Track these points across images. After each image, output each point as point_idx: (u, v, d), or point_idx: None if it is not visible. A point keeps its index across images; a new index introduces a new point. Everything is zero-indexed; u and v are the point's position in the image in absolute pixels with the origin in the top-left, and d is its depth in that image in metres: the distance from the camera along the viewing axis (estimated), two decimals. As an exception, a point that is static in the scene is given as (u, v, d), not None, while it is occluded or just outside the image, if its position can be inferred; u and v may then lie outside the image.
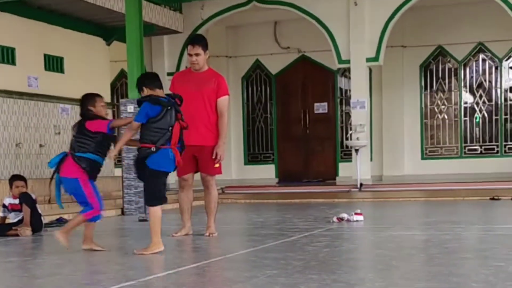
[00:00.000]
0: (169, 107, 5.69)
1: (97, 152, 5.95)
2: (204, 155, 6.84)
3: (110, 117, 7.39)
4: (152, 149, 5.65)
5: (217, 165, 6.89)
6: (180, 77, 7.17)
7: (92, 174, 5.98)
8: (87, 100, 6.18)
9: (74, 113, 12.81)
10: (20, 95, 11.54)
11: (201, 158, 6.87)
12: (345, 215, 8.27)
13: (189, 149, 6.75)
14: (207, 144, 6.84)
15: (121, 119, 8.57)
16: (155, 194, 5.77)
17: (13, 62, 11.51)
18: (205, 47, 6.97)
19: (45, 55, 12.26)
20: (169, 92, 6.99)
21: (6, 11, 11.34)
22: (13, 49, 11.50)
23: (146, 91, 5.83)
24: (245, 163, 17.34)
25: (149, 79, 5.97)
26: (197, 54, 6.89)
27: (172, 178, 11.18)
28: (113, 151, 6.03)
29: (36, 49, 12.02)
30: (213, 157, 6.83)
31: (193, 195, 7.08)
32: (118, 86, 17.47)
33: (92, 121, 5.97)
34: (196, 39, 7.11)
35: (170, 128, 5.70)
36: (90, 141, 5.92)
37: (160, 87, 5.91)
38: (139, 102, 5.79)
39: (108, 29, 13.64)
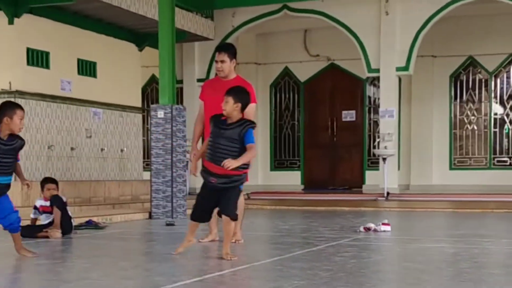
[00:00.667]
0: None
1: None
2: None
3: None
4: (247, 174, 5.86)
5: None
6: (209, 85, 7.25)
7: None
8: (4, 110, 5.75)
9: (105, 117, 12.98)
10: (53, 98, 11.73)
11: None
12: (372, 225, 8.24)
13: None
14: None
15: None
16: (233, 206, 5.84)
17: (47, 66, 11.70)
18: (232, 55, 6.99)
19: (78, 60, 12.43)
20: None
21: (41, 15, 11.54)
22: (47, 53, 11.69)
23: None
24: (271, 169, 17.40)
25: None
26: (222, 61, 6.93)
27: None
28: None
29: (70, 53, 12.20)
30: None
31: None
32: (149, 91, 17.65)
33: None
34: (223, 47, 7.19)
35: None
36: None
37: None
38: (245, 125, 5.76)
39: (140, 35, 13.79)
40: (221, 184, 5.74)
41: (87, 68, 12.63)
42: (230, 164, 5.55)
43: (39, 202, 8.00)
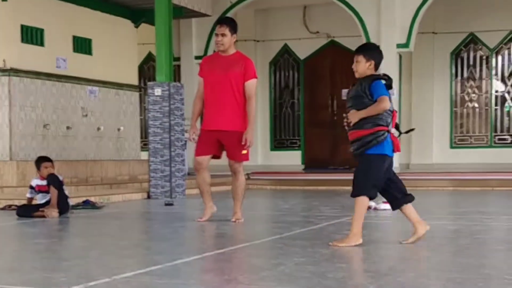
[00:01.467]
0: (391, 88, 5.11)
1: None
2: (232, 141, 6.71)
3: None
4: (386, 133, 4.99)
5: (244, 151, 6.77)
6: (208, 61, 7.06)
7: None
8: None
9: (102, 95, 12.82)
10: (48, 76, 11.57)
11: (229, 144, 6.75)
12: (372, 204, 8.13)
13: (214, 133, 6.69)
14: (235, 129, 6.70)
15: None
16: (368, 182, 5.06)
17: (41, 43, 11.53)
18: (232, 29, 6.82)
19: (73, 37, 12.25)
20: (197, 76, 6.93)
21: (35, -8, 11.35)
22: (42, 30, 11.51)
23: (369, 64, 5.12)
24: (271, 149, 17.27)
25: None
26: (223, 35, 6.76)
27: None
28: None
29: (64, 30, 12.02)
30: (242, 143, 6.69)
31: (209, 176, 6.93)
32: (146, 69, 17.47)
33: None
34: (224, 20, 7.04)
35: (390, 111, 5.08)
36: None
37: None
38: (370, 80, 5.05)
39: (136, 11, 13.60)
40: (354, 151, 5.11)
41: (82, 45, 12.45)
42: (352, 117, 4.98)
43: (35, 181, 7.91)
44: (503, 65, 15.78)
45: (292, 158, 16.85)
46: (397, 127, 5.26)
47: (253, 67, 6.88)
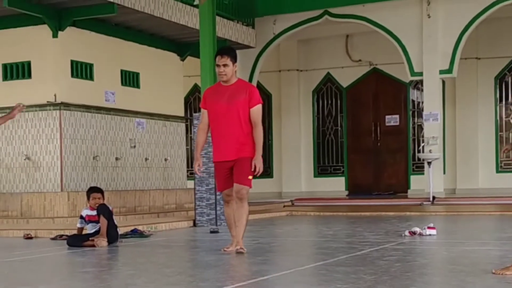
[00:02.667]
0: None
1: None
2: (240, 165, 6.68)
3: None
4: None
5: (250, 176, 6.71)
6: (211, 92, 6.94)
7: None
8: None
9: (149, 127, 13.14)
10: (98, 109, 11.92)
11: (236, 169, 6.69)
12: (417, 229, 8.17)
13: (225, 164, 6.71)
14: (242, 155, 6.69)
15: None
16: None
17: (91, 78, 11.89)
18: (233, 59, 6.79)
19: (121, 71, 12.61)
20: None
21: (84, 28, 11.74)
22: (91, 65, 11.89)
23: None
24: (315, 176, 17.34)
25: None
26: (225, 65, 6.70)
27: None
28: None
29: (113, 65, 12.38)
30: (252, 169, 6.66)
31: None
32: (191, 101, 17.80)
33: None
34: (225, 50, 6.94)
35: None
36: None
37: None
38: None
39: (182, 44, 13.93)
40: None
41: (130, 78, 12.80)
42: None
43: (85, 212, 8.12)
44: (548, 89, 15.63)
45: (336, 184, 16.89)
46: None
47: (257, 93, 6.82)
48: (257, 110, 6.73)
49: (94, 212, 7.98)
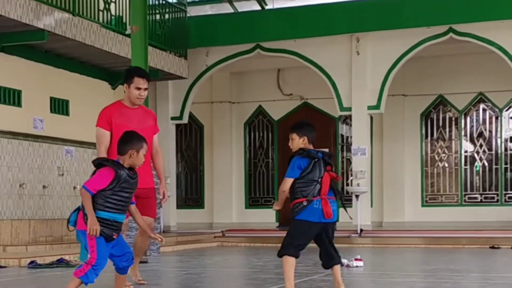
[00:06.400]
0: (316, 159, 5.45)
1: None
2: (151, 197, 6.52)
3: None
4: (304, 203, 5.46)
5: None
6: (115, 113, 6.46)
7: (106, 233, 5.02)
8: (132, 143, 5.20)
9: (78, 155, 12.94)
10: (25, 136, 11.68)
11: (148, 201, 6.45)
12: (345, 261, 8.29)
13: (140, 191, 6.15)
14: (152, 186, 6.58)
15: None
16: (284, 243, 5.55)
17: (19, 104, 11.68)
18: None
19: (51, 98, 12.43)
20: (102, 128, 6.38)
21: (13, 54, 11.55)
22: (19, 92, 11.68)
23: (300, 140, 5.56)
24: (246, 207, 17.39)
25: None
26: (145, 89, 6.57)
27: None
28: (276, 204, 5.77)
29: (42, 92, 12.20)
30: (161, 197, 6.59)
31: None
32: (122, 129, 17.63)
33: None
34: (147, 74, 6.80)
35: (320, 179, 5.46)
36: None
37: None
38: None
39: (113, 73, 13.85)
40: None
41: (59, 106, 12.63)
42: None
43: None
44: (471, 126, 16.19)
45: (267, 216, 16.95)
46: (338, 192, 5.58)
47: (157, 120, 6.83)
48: (157, 137, 6.72)
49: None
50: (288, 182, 5.52)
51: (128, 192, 5.03)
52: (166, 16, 14.86)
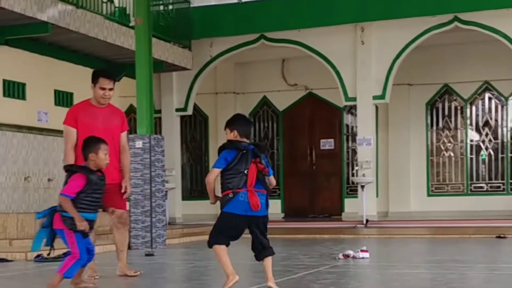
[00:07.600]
0: (244, 151, 5.47)
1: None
2: (118, 191, 6.70)
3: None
4: (230, 195, 5.50)
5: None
6: (81, 111, 6.80)
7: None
8: (89, 147, 5.75)
9: (82, 148, 12.93)
10: (30, 129, 11.69)
11: (116, 195, 6.70)
12: (351, 252, 8.29)
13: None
14: (119, 181, 6.74)
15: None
16: (212, 234, 5.68)
17: (23, 97, 11.68)
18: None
19: (55, 91, 12.42)
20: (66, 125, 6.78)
21: (17, 47, 11.54)
22: (23, 85, 11.68)
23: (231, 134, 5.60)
24: (252, 199, 17.37)
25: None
26: (110, 89, 6.81)
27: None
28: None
29: (46, 84, 12.19)
30: (123, 191, 6.74)
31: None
32: (127, 121, 17.60)
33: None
34: (112, 75, 7.02)
35: (246, 170, 5.48)
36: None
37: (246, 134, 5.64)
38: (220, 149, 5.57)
39: (117, 65, 13.82)
40: None
41: (64, 98, 12.62)
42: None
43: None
44: (477, 115, 16.14)
45: (272, 207, 16.80)
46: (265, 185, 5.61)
47: (125, 118, 7.02)
48: (126, 135, 6.89)
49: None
50: (212, 172, 5.56)
51: (99, 193, 5.59)
52: (170, 7, 14.84)
